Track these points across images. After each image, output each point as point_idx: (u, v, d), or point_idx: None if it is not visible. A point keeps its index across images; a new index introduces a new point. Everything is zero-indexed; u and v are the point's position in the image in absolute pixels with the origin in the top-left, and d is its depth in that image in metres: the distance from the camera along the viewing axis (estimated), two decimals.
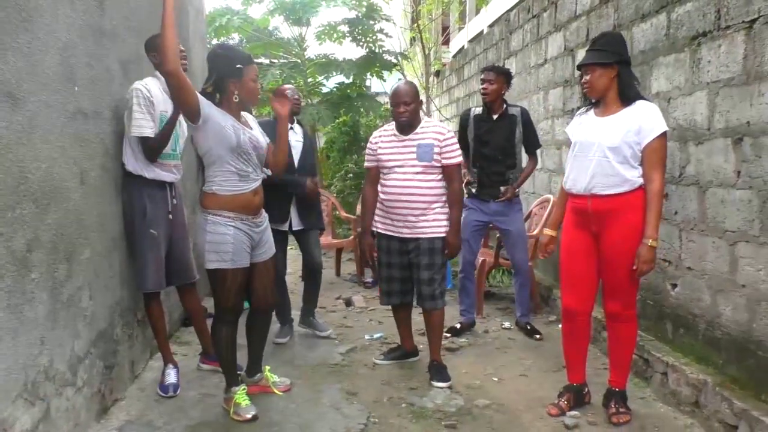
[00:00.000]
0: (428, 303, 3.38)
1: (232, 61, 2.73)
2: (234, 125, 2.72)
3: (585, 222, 2.84)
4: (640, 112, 2.69)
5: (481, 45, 7.85)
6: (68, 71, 2.53)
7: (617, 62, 2.72)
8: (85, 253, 2.67)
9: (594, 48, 2.80)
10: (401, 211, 3.30)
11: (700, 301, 3.04)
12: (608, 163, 2.71)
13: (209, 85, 2.77)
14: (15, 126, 2.09)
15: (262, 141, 2.85)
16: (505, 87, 4.13)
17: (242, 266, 2.83)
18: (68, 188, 2.51)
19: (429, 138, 3.28)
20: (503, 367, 3.67)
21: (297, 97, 4.04)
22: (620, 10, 3.82)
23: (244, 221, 2.81)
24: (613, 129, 2.72)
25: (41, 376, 2.26)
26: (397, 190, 3.30)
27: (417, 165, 3.26)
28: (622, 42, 2.85)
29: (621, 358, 2.94)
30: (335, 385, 3.36)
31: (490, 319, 4.69)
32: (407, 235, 3.33)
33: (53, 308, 2.36)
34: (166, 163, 3.16)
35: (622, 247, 2.73)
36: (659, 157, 2.69)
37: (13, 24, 2.09)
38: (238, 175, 2.76)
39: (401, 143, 3.32)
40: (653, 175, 2.68)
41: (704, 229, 3.01)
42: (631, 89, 2.75)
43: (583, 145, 2.82)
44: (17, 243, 2.09)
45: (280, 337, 4.07)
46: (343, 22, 7.83)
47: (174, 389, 3.18)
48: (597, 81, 2.75)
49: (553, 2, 5.03)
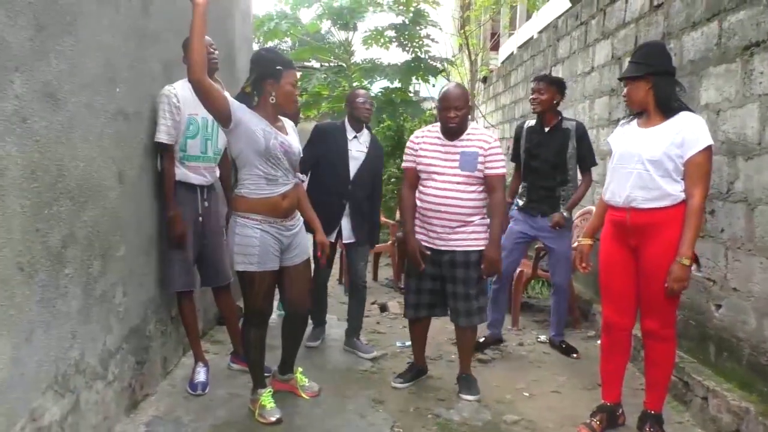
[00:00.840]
0: (463, 319, 3.21)
1: (272, 62, 2.75)
2: (265, 129, 2.73)
3: (623, 235, 2.76)
4: (684, 124, 2.59)
5: (529, 51, 7.73)
6: (110, 73, 2.61)
7: (651, 74, 2.63)
8: (121, 250, 2.74)
9: (631, 60, 2.75)
10: (437, 222, 3.13)
11: (746, 324, 2.89)
12: (649, 176, 2.61)
13: (248, 85, 2.80)
14: (55, 126, 2.16)
15: (294, 146, 2.84)
16: (558, 97, 3.92)
17: (269, 269, 2.84)
18: (106, 187, 2.58)
19: (474, 146, 3.10)
20: (535, 382, 3.58)
21: (370, 103, 3.94)
22: (670, 18, 3.69)
23: (272, 224, 2.81)
24: (654, 141, 2.62)
25: (72, 368, 2.32)
26: (434, 199, 3.12)
27: (459, 174, 3.09)
28: (661, 52, 2.73)
29: (657, 379, 2.82)
30: (363, 392, 3.34)
31: (526, 332, 4.59)
32: (441, 247, 3.16)
33: (86, 303, 2.42)
34: (193, 165, 3.18)
35: (660, 262, 2.62)
36: (702, 172, 2.58)
37: (57, 28, 2.16)
38: (266, 178, 2.76)
39: (444, 148, 3.14)
40: (694, 191, 2.57)
41: (752, 249, 2.86)
42: (670, 100, 2.65)
43: (624, 157, 2.73)
44: (53, 239, 2.16)
45: (311, 340, 4.05)
46: (389, 27, 7.84)
47: (203, 387, 3.23)
48: (632, 93, 2.71)
49: (601, 9, 4.90)
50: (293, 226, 2.93)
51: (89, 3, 2.40)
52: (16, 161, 1.95)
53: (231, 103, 2.67)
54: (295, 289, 3.00)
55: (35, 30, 2.03)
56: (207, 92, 2.56)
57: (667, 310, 2.71)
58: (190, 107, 3.09)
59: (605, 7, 4.81)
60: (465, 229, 3.12)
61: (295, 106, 2.89)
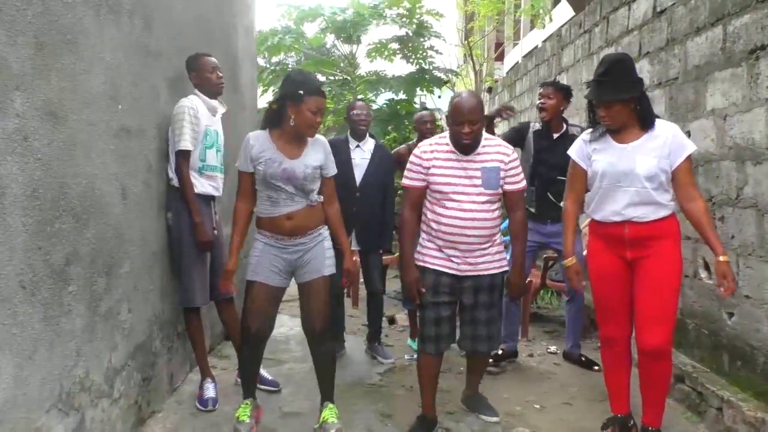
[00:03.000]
0: (484, 345, 2.94)
1: (297, 85, 2.72)
2: (268, 158, 2.74)
3: (619, 248, 2.70)
4: (666, 134, 2.57)
5: (533, 61, 7.72)
6: (113, 90, 2.61)
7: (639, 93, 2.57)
8: (125, 266, 2.73)
9: (607, 78, 2.58)
10: (461, 246, 2.80)
11: (759, 332, 2.84)
12: (646, 192, 2.57)
13: (275, 103, 2.83)
14: (57, 143, 2.16)
15: (300, 172, 2.76)
16: (564, 104, 3.90)
17: (262, 281, 2.83)
18: (109, 203, 2.58)
19: (494, 159, 2.79)
20: (546, 394, 3.53)
21: (365, 114, 4.06)
22: (673, 23, 3.67)
23: (278, 240, 2.83)
24: (645, 156, 2.57)
25: (77, 387, 2.31)
26: (458, 222, 2.77)
27: (483, 193, 2.77)
28: (635, 67, 2.67)
29: (658, 396, 2.75)
30: (371, 406, 3.31)
31: (536, 343, 4.54)
32: (468, 272, 2.84)
33: (91, 320, 2.41)
34: (213, 175, 3.24)
35: (663, 275, 2.59)
36: (692, 175, 2.61)
37: (58, 46, 2.17)
38: (269, 201, 2.82)
39: (460, 164, 2.79)
40: (693, 194, 2.58)
41: (763, 255, 2.81)
42: (651, 113, 2.61)
43: (615, 176, 2.63)
44: (56, 257, 2.16)
45: (386, 357, 4.12)
46: (393, 40, 7.88)
47: (213, 403, 3.21)
48: (619, 115, 2.58)
49: (605, 17, 4.89)
50: (303, 244, 2.86)
51: (90, 21, 2.41)
52: (18, 179, 1.95)
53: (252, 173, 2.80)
54: (310, 306, 2.90)
55: (36, 49, 2.03)
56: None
57: (670, 324, 2.65)
58: (205, 119, 3.17)
59: (608, 14, 4.80)
60: (490, 250, 2.85)
61: (313, 132, 2.81)
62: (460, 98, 2.79)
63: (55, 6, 2.15)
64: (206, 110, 3.21)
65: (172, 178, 3.15)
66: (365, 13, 7.81)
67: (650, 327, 2.61)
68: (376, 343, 4.20)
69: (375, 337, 4.22)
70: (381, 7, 7.92)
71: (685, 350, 3.48)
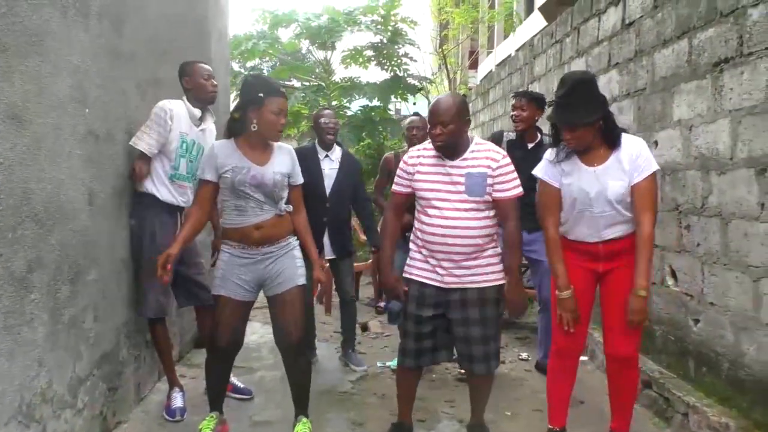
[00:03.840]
0: (480, 366, 2.75)
1: (255, 89, 2.69)
2: (235, 166, 2.69)
3: (591, 262, 2.68)
4: (633, 152, 2.53)
5: (506, 69, 7.81)
6: (80, 94, 2.56)
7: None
8: (92, 273, 2.67)
9: (572, 102, 2.49)
10: (444, 256, 2.67)
11: (723, 338, 2.90)
12: (618, 214, 2.58)
13: (236, 111, 2.77)
14: (20, 147, 2.11)
15: (269, 177, 2.72)
16: (538, 114, 3.87)
17: (228, 295, 2.77)
18: (75, 209, 2.52)
19: (481, 165, 2.64)
20: (518, 401, 3.55)
21: (334, 122, 4.04)
22: (641, 35, 3.74)
23: (244, 250, 2.77)
24: (614, 181, 2.54)
25: (38, 398, 2.24)
26: (440, 230, 2.65)
27: (468, 200, 2.63)
28: (597, 87, 2.61)
29: (627, 403, 2.79)
30: (342, 414, 3.29)
31: (508, 350, 4.56)
32: (452, 285, 2.69)
33: (54, 329, 2.35)
34: (182, 184, 3.17)
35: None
36: (650, 198, 2.53)
37: (22, 48, 2.12)
38: (237, 211, 2.75)
39: (444, 169, 2.67)
40: (642, 218, 2.51)
41: (727, 263, 2.88)
42: (617, 132, 2.57)
43: (587, 202, 2.58)
44: (17, 264, 2.10)
45: (360, 364, 4.10)
46: (368, 47, 7.90)
47: (181, 413, 3.15)
48: (584, 137, 2.51)
49: (575, 28, 4.97)
50: (271, 253, 2.80)
51: (57, 23, 2.37)
52: None
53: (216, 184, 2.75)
54: (285, 317, 2.81)
55: None
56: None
57: (639, 332, 2.67)
58: (182, 126, 3.10)
59: (579, 25, 4.88)
60: (478, 263, 2.68)
61: (278, 134, 2.77)
62: (436, 100, 2.73)
63: (19, 7, 2.10)
64: (188, 118, 3.15)
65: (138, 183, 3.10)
66: (340, 20, 7.83)
67: (622, 335, 2.63)
68: (350, 350, 4.19)
69: (348, 345, 4.21)
70: (356, 13, 7.95)
71: (652, 356, 3.54)
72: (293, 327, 2.81)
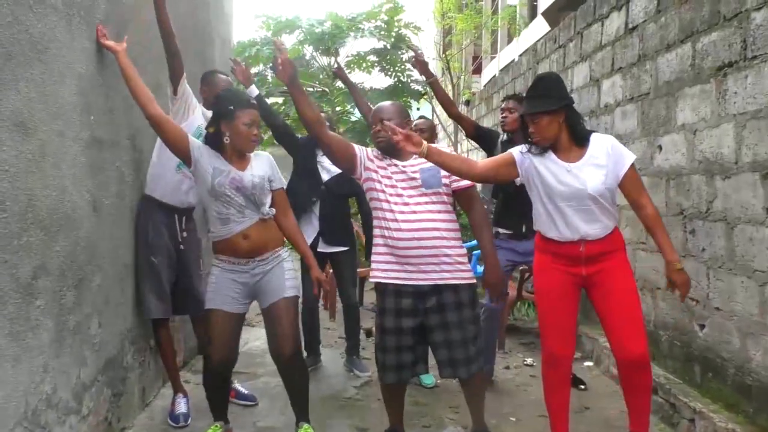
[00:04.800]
0: (463, 370, 2.73)
1: (226, 102, 2.73)
2: (216, 167, 2.70)
3: (573, 266, 2.65)
4: (605, 148, 2.57)
5: (510, 74, 7.82)
6: (84, 101, 2.58)
7: (564, 106, 2.56)
8: (96, 279, 2.68)
9: (535, 94, 2.60)
10: (414, 252, 2.67)
11: (729, 344, 2.88)
12: (597, 209, 2.57)
13: (210, 126, 2.78)
14: (25, 155, 2.12)
15: (248, 180, 2.72)
16: None
17: (219, 308, 2.77)
18: (80, 216, 2.53)
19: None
20: (522, 407, 3.53)
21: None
22: (645, 40, 3.74)
23: (234, 264, 2.77)
24: (593, 176, 2.55)
25: (43, 403, 2.25)
26: (404, 225, 2.67)
27: (426, 194, 2.69)
28: (563, 83, 2.70)
29: (645, 405, 2.71)
30: (346, 420, 3.28)
31: (512, 355, 4.55)
32: (422, 281, 2.69)
33: (59, 335, 2.36)
34: (187, 174, 3.07)
35: (627, 284, 2.62)
36: (639, 183, 2.63)
37: (27, 56, 2.13)
38: (219, 219, 2.74)
39: (398, 168, 2.73)
40: (643, 200, 2.59)
41: (732, 268, 2.86)
42: (582, 129, 2.63)
43: (563, 196, 2.59)
44: (23, 270, 2.11)
45: (364, 370, 4.07)
46: (371, 52, 7.92)
47: (185, 419, 3.15)
48: (546, 129, 2.55)
49: (579, 32, 4.97)
50: (263, 264, 2.80)
51: (61, 31, 2.38)
52: None
53: (190, 141, 2.70)
54: (275, 329, 2.80)
55: (4, 59, 2.00)
56: (159, 125, 2.65)
57: (644, 332, 2.64)
58: (199, 121, 3.15)
59: (582, 30, 4.88)
60: (447, 260, 2.69)
61: (252, 145, 2.76)
62: (379, 104, 2.91)
63: (24, 16, 2.12)
64: (203, 120, 3.18)
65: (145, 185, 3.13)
66: (343, 26, 7.84)
67: (629, 339, 2.59)
68: (354, 356, 4.18)
69: (353, 351, 4.20)
70: (359, 19, 7.97)
71: (658, 361, 3.52)
72: (283, 340, 2.78)
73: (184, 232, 3.22)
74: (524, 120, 2.64)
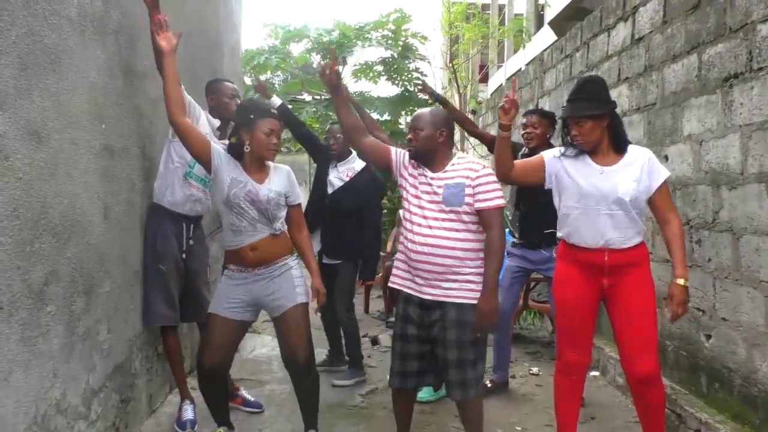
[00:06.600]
0: (457, 392, 2.65)
1: (247, 111, 2.78)
2: (234, 178, 2.72)
3: (596, 275, 2.64)
4: (643, 159, 2.59)
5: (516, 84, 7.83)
6: (96, 110, 2.62)
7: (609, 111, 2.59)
8: (105, 286, 2.71)
9: (580, 97, 2.60)
10: (424, 267, 2.63)
11: (735, 354, 2.88)
12: (623, 216, 2.56)
13: (232, 136, 2.83)
14: (38, 163, 2.16)
15: (263, 194, 2.74)
16: (550, 131, 3.81)
17: (219, 313, 2.79)
18: (90, 223, 2.57)
19: (459, 176, 2.61)
20: (527, 416, 3.53)
21: (333, 140, 4.05)
22: (651, 50, 3.76)
23: (242, 272, 2.80)
24: (625, 180, 2.56)
25: (53, 409, 2.27)
26: (419, 239, 2.63)
27: (444, 211, 2.60)
28: (607, 87, 2.72)
29: (658, 421, 2.67)
30: (351, 428, 3.29)
31: (518, 364, 4.54)
32: (428, 296, 2.64)
33: (69, 341, 2.38)
34: (193, 184, 3.15)
35: (646, 300, 2.59)
36: (670, 200, 2.65)
37: (41, 66, 2.18)
38: (231, 230, 2.77)
39: (426, 179, 2.67)
40: (670, 215, 2.60)
41: (739, 279, 2.86)
42: (624, 135, 2.65)
43: (592, 198, 2.59)
44: (34, 276, 2.14)
45: (344, 378, 4.05)
46: (378, 62, 7.96)
47: (192, 425, 3.16)
48: (591, 133, 2.56)
49: (585, 43, 4.99)
50: (269, 272, 2.81)
51: (75, 41, 2.43)
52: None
53: (213, 149, 2.72)
54: (287, 337, 2.81)
55: (19, 69, 2.04)
56: (185, 133, 2.66)
57: (656, 349, 2.62)
58: (206, 130, 3.16)
59: (589, 40, 4.90)
60: (458, 278, 2.60)
61: (270, 153, 2.79)
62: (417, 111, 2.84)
63: (39, 27, 2.17)
64: (210, 129, 3.22)
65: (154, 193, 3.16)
66: (351, 35, 7.90)
67: (640, 356, 2.57)
68: (348, 367, 4.12)
69: (354, 362, 4.12)
70: (366, 29, 8.02)
71: (664, 372, 3.50)
72: (297, 348, 2.80)
73: (190, 240, 3.24)
74: (565, 122, 2.67)
